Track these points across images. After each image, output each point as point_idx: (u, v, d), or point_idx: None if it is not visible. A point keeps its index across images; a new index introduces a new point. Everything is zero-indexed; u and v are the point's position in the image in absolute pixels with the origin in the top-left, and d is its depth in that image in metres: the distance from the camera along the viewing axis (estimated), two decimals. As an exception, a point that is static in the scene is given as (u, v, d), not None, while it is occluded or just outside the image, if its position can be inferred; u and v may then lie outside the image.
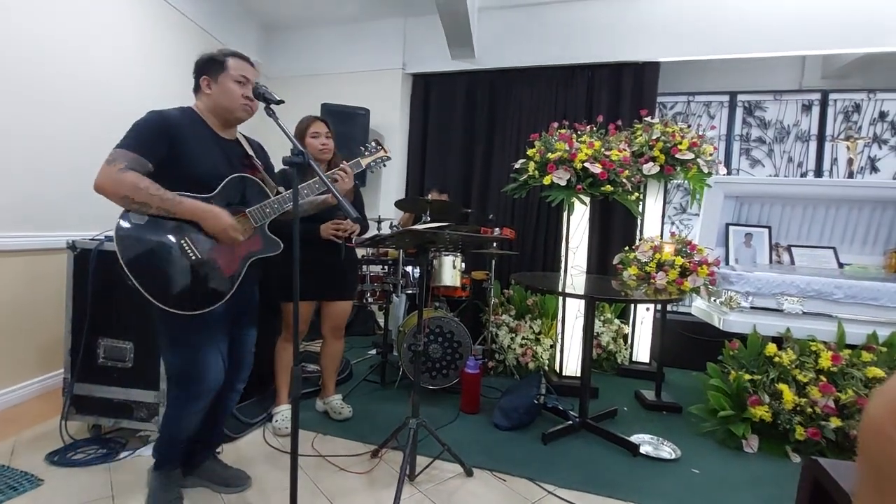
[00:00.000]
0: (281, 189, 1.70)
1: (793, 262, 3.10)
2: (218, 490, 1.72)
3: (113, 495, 1.66)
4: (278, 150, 2.24)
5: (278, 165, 2.14)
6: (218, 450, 1.89)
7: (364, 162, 1.87)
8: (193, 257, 1.43)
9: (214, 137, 1.55)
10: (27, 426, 2.13)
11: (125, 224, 1.39)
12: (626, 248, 2.96)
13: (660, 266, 2.67)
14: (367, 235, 2.40)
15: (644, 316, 3.29)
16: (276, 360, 2.25)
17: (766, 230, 3.22)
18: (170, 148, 1.43)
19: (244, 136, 1.70)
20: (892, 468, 0.36)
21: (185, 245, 1.42)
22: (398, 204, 3.02)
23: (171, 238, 1.41)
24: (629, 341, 3.38)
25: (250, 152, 1.66)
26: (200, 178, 1.46)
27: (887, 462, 0.36)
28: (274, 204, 1.55)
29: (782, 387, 2.17)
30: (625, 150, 2.81)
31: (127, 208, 1.39)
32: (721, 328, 2.64)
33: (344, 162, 1.83)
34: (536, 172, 2.81)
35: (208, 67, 1.52)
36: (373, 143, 1.91)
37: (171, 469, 1.63)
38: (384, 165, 1.96)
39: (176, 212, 1.40)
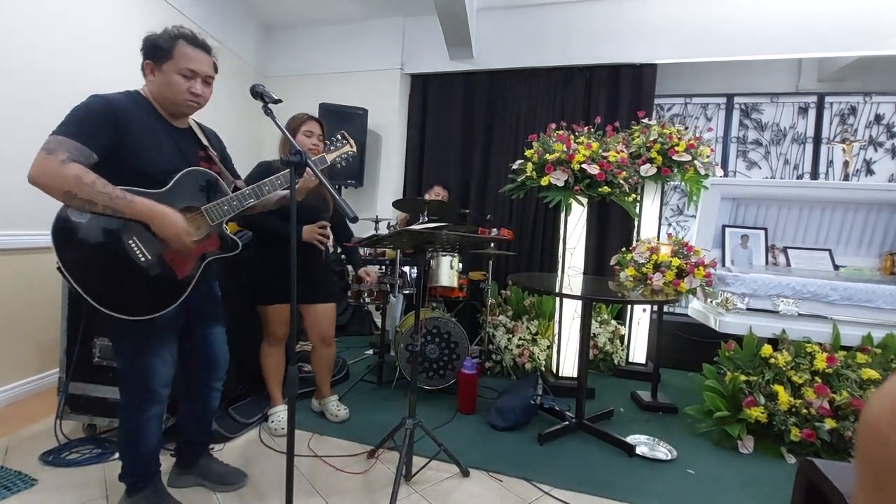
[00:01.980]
0: (239, 184, 1.61)
1: (789, 264, 3.12)
2: (214, 488, 1.71)
3: (107, 495, 1.65)
4: (273, 149, 2.26)
5: (256, 160, 2.11)
6: (218, 447, 1.88)
7: (329, 157, 1.74)
8: (143, 259, 1.32)
9: (165, 126, 1.41)
10: (22, 425, 2.11)
11: (64, 221, 1.27)
12: (623, 249, 2.96)
13: (656, 267, 2.68)
14: (364, 235, 2.39)
15: (641, 317, 3.30)
16: (263, 366, 2.21)
17: (762, 232, 3.23)
18: (117, 138, 1.28)
19: (198, 123, 1.58)
20: (890, 469, 0.36)
21: (132, 245, 1.31)
22: (396, 204, 3.02)
23: (118, 238, 1.29)
24: (626, 342, 3.38)
25: (205, 142, 1.53)
26: (151, 173, 1.33)
27: (886, 463, 0.36)
28: (233, 201, 1.45)
29: (778, 388, 2.18)
30: (622, 152, 2.82)
31: (68, 205, 1.25)
32: (717, 329, 2.65)
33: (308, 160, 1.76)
34: (534, 173, 2.81)
35: (153, 52, 1.35)
36: (338, 137, 1.78)
37: (154, 483, 1.54)
38: (350, 160, 1.82)
39: (126, 212, 1.26)
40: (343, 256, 2.53)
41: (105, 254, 1.29)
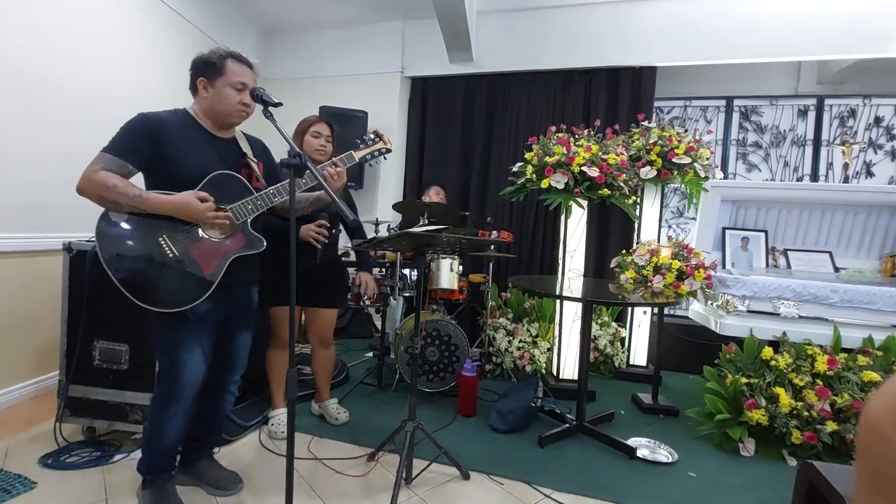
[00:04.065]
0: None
1: (789, 266, 3.12)
2: (210, 492, 1.71)
3: (107, 498, 1.65)
4: (278, 152, 2.26)
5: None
6: (215, 450, 1.88)
7: (357, 155, 1.74)
8: (171, 255, 1.42)
9: (208, 138, 1.54)
10: (21, 428, 2.11)
11: (105, 223, 1.40)
12: (624, 251, 2.96)
13: (657, 269, 2.68)
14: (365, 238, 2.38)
15: (641, 319, 3.30)
16: (269, 370, 2.22)
17: (762, 234, 3.23)
18: (155, 150, 1.43)
19: (245, 134, 1.68)
20: (891, 469, 0.36)
21: (163, 243, 1.42)
22: (396, 206, 3.02)
23: (150, 236, 1.41)
24: (626, 345, 3.38)
25: (247, 151, 1.63)
26: (188, 179, 1.45)
27: (886, 463, 0.36)
28: (256, 200, 1.52)
29: (779, 390, 2.18)
30: (622, 154, 2.82)
31: (104, 207, 1.40)
32: (718, 332, 2.65)
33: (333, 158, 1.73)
34: (534, 176, 2.82)
35: (205, 70, 1.49)
36: (371, 135, 1.80)
37: (163, 482, 1.59)
38: (385, 158, 1.82)
39: (144, 208, 1.39)
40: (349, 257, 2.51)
41: (139, 250, 1.40)
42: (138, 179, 1.46)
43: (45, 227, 2.48)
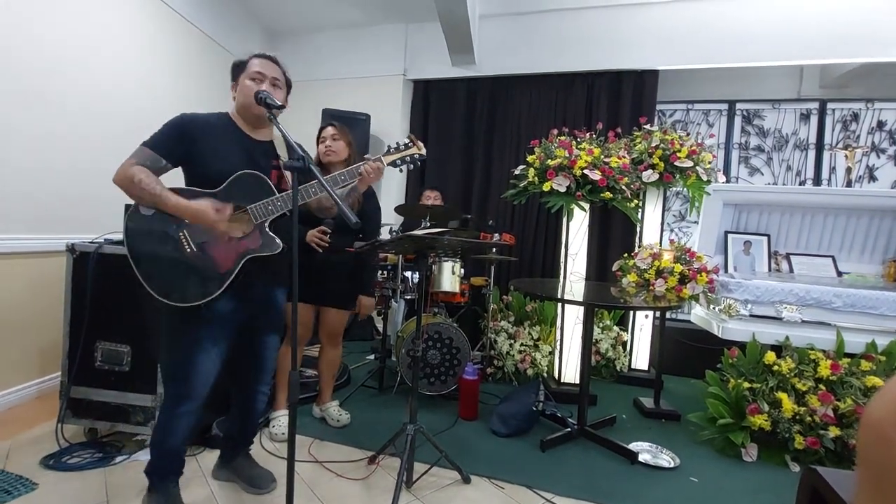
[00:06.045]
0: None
1: (791, 271, 3.11)
2: (245, 489, 1.75)
3: (108, 500, 1.65)
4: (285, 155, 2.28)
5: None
6: (251, 448, 1.89)
7: (387, 159, 1.68)
8: (189, 250, 1.45)
9: (242, 139, 1.57)
10: (23, 429, 2.11)
11: (133, 218, 1.45)
12: (625, 254, 2.96)
13: (659, 273, 2.67)
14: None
15: (643, 323, 3.29)
16: (278, 366, 2.21)
17: (764, 238, 3.22)
18: (186, 149, 1.48)
19: (286, 138, 1.57)
20: (892, 470, 0.36)
21: (181, 238, 1.45)
22: (398, 209, 3.03)
23: (171, 230, 1.45)
24: (628, 348, 3.37)
25: (282, 154, 1.62)
26: (213, 177, 1.48)
27: (887, 464, 0.36)
28: (277, 202, 1.51)
29: (781, 395, 2.17)
30: (624, 158, 2.82)
31: (132, 199, 1.45)
32: (720, 336, 2.64)
33: (367, 156, 1.68)
34: (536, 179, 2.82)
35: (234, 71, 1.58)
36: (406, 140, 1.71)
37: (167, 485, 1.57)
38: (419, 162, 1.71)
39: (162, 207, 1.42)
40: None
41: (160, 243, 1.45)
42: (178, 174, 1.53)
43: (49, 228, 2.49)
